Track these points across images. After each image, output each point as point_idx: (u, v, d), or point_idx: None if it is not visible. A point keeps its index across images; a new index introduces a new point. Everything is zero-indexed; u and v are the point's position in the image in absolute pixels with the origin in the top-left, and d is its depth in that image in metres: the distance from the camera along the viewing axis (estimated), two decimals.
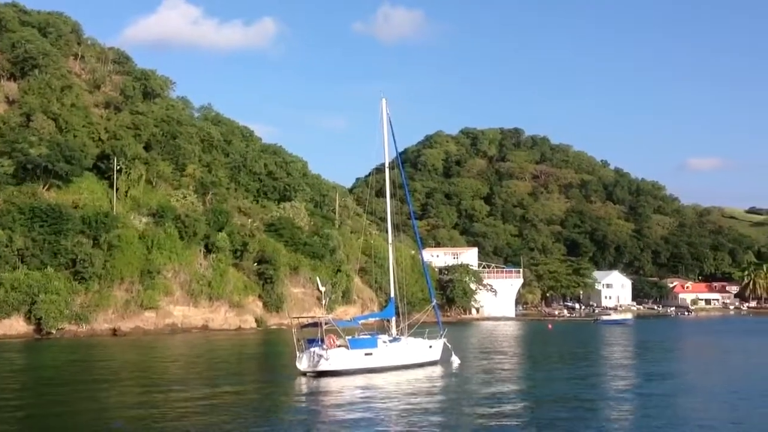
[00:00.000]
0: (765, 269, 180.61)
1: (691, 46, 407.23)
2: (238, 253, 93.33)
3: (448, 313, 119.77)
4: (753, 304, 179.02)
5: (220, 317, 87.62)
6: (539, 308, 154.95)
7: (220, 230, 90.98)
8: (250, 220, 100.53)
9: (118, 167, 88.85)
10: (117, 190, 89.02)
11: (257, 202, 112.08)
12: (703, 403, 30.58)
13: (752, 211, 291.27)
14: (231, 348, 61.93)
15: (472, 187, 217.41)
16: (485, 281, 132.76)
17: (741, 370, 45.84)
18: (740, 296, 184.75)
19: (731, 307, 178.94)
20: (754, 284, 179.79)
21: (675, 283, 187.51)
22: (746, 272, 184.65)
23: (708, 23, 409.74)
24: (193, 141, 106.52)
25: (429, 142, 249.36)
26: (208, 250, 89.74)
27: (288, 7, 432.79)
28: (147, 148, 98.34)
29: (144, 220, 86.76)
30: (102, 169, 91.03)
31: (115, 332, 75.94)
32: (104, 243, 78.59)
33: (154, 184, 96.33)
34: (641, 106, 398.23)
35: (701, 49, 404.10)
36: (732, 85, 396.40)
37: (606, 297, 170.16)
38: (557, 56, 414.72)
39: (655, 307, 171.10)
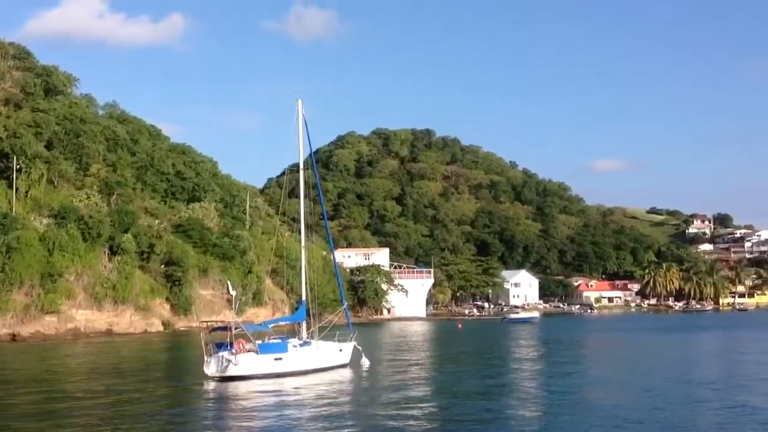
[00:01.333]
0: (664, 268, 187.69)
1: (595, 51, 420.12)
2: (145, 255, 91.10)
3: (360, 314, 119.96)
4: (653, 301, 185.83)
5: (126, 321, 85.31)
6: (450, 308, 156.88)
7: (125, 231, 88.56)
8: (157, 221, 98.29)
9: (18, 167, 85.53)
10: (16, 190, 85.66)
11: (165, 202, 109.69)
12: (606, 396, 31.49)
13: (653, 211, 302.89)
14: (136, 353, 60.37)
15: (384, 188, 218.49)
16: (396, 281, 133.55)
17: (639, 364, 47.45)
18: (641, 294, 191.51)
19: (633, 304, 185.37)
20: (654, 282, 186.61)
21: (580, 282, 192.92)
22: (647, 271, 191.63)
23: (611, 27, 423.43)
24: (98, 140, 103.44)
25: (341, 142, 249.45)
26: (113, 252, 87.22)
27: (197, 3, 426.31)
28: (49, 146, 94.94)
29: (45, 221, 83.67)
30: (0, 169, 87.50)
31: (14, 338, 72.95)
32: (2, 245, 75.38)
33: (56, 184, 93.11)
34: (549, 108, 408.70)
35: (605, 53, 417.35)
36: (634, 89, 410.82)
37: (514, 296, 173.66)
38: (467, 57, 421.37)
39: (561, 306, 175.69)
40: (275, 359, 40.57)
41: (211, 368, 39.14)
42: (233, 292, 51.75)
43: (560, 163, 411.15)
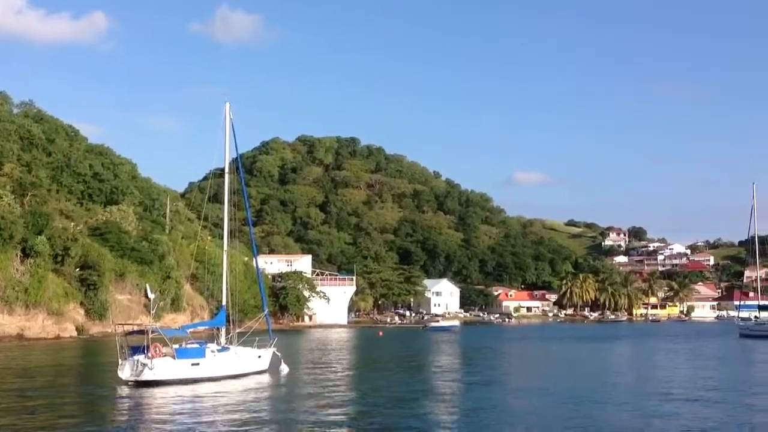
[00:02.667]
0: (581, 279, 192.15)
1: (519, 63, 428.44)
2: (59, 258, 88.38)
3: (281, 321, 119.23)
4: (569, 311, 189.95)
5: (38, 325, 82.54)
6: (371, 315, 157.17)
7: (39, 233, 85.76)
8: (73, 223, 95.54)
9: None
10: None
11: (81, 204, 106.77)
12: (522, 404, 32.01)
13: (570, 223, 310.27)
14: (48, 358, 58.49)
15: (308, 195, 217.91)
16: (319, 289, 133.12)
17: (555, 373, 48.45)
18: (558, 304, 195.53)
19: (550, 314, 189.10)
20: (571, 293, 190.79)
21: (500, 292, 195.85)
22: (564, 281, 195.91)
23: (534, 39, 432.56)
24: (12, 138, 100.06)
25: (265, 148, 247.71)
26: (26, 254, 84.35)
27: (120, 1, 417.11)
28: None
29: None
30: None
31: None
32: None
33: None
34: (472, 120, 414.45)
35: (528, 66, 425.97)
36: (555, 102, 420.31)
37: (435, 304, 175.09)
38: (393, 66, 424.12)
39: (481, 315, 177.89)
40: (192, 364, 39.93)
41: (125, 372, 38.27)
42: (151, 296, 50.64)
43: (483, 174, 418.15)
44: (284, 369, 44.78)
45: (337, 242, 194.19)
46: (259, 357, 44.74)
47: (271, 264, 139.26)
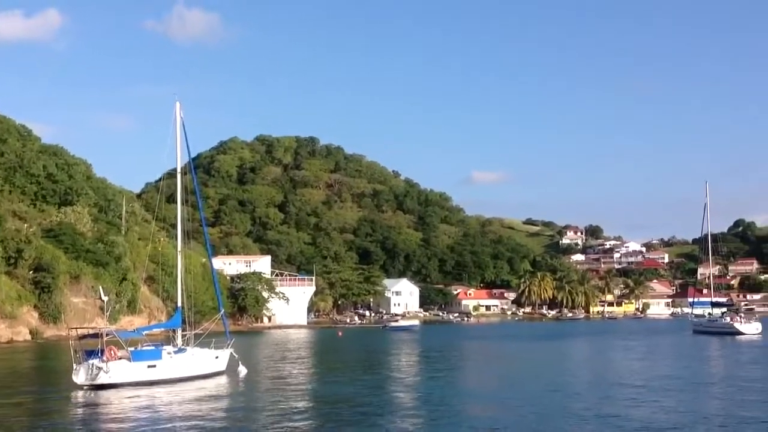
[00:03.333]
0: (539, 277, 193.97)
1: (477, 63, 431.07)
2: (12, 261, 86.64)
3: (240, 322, 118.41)
4: (528, 309, 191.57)
5: None
6: (331, 316, 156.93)
7: None
8: (26, 225, 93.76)
9: None
10: None
11: (35, 206, 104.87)
12: (480, 405, 32.19)
13: (529, 222, 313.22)
14: (1, 362, 57.33)
15: (267, 195, 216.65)
16: (278, 289, 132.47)
17: (513, 371, 48.85)
18: (517, 302, 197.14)
19: (509, 312, 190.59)
20: (529, 291, 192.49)
21: (459, 290, 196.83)
22: (522, 280, 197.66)
23: (491, 38, 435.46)
24: None
25: (223, 148, 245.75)
26: None
27: None
28: None
29: None
30: None
31: None
32: None
33: None
34: (431, 119, 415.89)
35: (485, 65, 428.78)
36: (513, 101, 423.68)
37: (395, 304, 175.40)
38: (352, 65, 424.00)
39: (440, 314, 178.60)
40: (148, 366, 39.55)
41: (80, 376, 37.72)
42: (105, 298, 50.08)
43: (442, 173, 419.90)
44: (242, 370, 44.48)
45: (296, 242, 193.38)
46: (217, 358, 44.42)
47: (230, 265, 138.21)
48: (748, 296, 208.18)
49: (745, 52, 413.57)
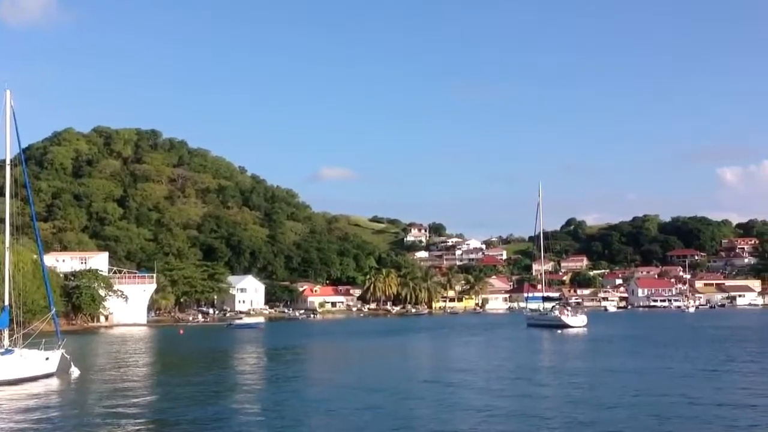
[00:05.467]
0: (384, 274, 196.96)
1: (326, 59, 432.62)
2: None
3: (74, 321, 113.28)
4: (373, 306, 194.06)
5: None
6: (173, 314, 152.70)
7: None
8: None
9: None
10: None
11: None
12: (330, 404, 32.26)
13: (375, 219, 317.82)
14: None
15: (105, 189, 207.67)
16: (116, 287, 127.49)
17: (358, 367, 49.37)
18: (362, 299, 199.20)
19: (354, 309, 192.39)
20: (374, 288, 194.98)
21: (305, 287, 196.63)
22: (368, 276, 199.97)
23: (340, 36, 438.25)
24: None
25: (57, 139, 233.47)
26: None
27: None
28: None
29: None
30: None
31: None
32: None
33: None
34: (278, 115, 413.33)
35: (335, 61, 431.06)
36: (360, 100, 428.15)
37: (240, 301, 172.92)
38: (194, 55, 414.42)
39: (286, 311, 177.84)
40: None
41: None
42: None
43: (289, 169, 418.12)
44: (74, 372, 42.60)
45: (136, 238, 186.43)
46: (47, 359, 42.28)
47: (64, 262, 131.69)
48: (579, 291, 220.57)
49: (582, 55, 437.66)
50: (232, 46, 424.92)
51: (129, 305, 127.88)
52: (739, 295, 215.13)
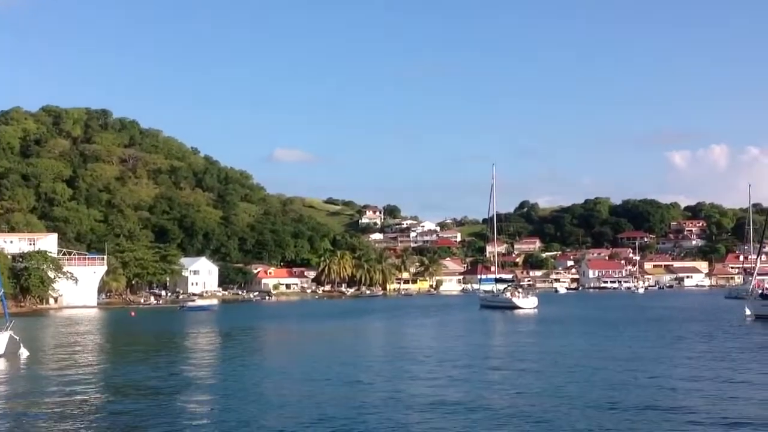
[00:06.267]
0: (339, 255, 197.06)
1: (280, 43, 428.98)
2: None
3: (23, 304, 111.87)
4: (327, 287, 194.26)
5: None
6: (124, 296, 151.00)
7: None
8: None
9: None
10: None
11: None
12: (282, 386, 32.29)
13: (329, 201, 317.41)
14: None
15: (54, 169, 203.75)
16: (66, 269, 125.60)
17: (309, 350, 49.51)
18: (317, 281, 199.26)
19: (309, 291, 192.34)
20: (329, 270, 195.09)
21: (259, 269, 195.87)
22: (322, 258, 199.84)
23: (301, 22, 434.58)
24: None
25: (4, 118, 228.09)
26: None
27: None
28: None
29: None
30: None
31: None
32: None
33: None
34: (232, 96, 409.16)
35: (291, 46, 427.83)
36: (316, 82, 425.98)
37: (193, 283, 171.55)
38: (147, 31, 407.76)
39: (240, 293, 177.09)
40: None
41: None
42: None
43: (243, 151, 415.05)
44: (24, 353, 42.07)
45: (86, 220, 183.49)
46: None
47: (11, 243, 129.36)
48: (531, 273, 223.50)
49: (535, 39, 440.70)
50: (185, 22, 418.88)
51: (79, 287, 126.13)
52: (687, 277, 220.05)
